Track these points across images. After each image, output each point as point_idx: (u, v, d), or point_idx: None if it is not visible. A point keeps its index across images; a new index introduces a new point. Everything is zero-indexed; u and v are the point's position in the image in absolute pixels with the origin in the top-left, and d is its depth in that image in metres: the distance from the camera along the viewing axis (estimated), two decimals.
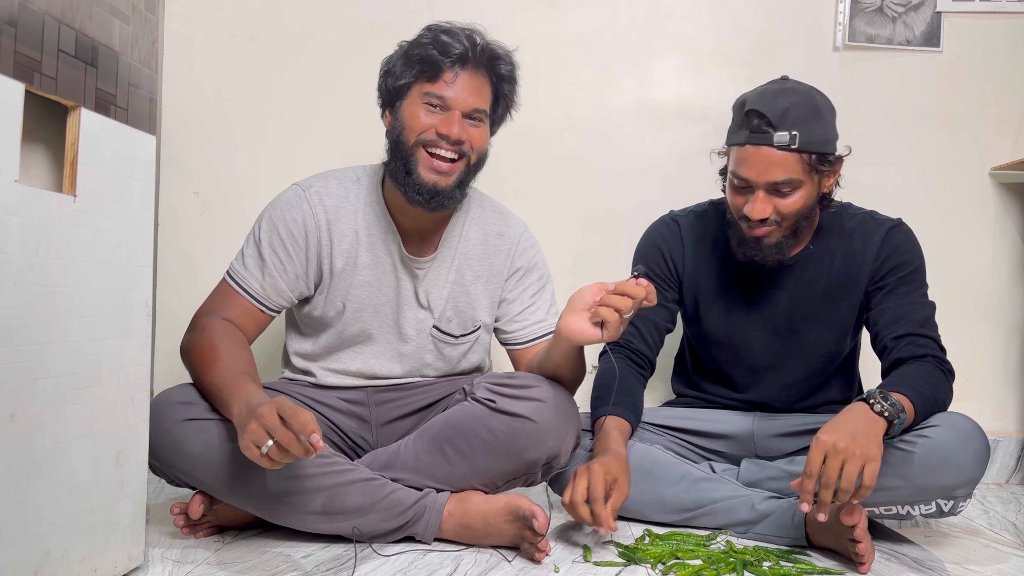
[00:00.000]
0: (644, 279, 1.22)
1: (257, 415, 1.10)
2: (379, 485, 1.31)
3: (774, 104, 1.40)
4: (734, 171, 1.46)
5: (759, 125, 1.40)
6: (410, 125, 1.39)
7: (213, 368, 1.28)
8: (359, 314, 1.47)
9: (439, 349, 1.53)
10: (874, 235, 1.52)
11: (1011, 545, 1.47)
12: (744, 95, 1.47)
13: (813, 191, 1.45)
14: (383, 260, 1.47)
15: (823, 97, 1.46)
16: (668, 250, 1.63)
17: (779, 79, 1.49)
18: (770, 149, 1.40)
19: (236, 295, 1.42)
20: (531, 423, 1.32)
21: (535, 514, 1.23)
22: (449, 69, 1.38)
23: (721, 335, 1.61)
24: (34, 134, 1.00)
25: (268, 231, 1.43)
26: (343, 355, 1.50)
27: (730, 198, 1.49)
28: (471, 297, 1.52)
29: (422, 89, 1.39)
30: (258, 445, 1.09)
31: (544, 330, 1.56)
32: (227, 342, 1.32)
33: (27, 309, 0.93)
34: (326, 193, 1.46)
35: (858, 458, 1.18)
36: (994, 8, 2.04)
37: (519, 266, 1.56)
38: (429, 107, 1.39)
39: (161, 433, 1.25)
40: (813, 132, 1.41)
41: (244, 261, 1.43)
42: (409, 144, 1.39)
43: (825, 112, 1.44)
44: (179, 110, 2.03)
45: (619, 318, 1.20)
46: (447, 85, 1.38)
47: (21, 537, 0.93)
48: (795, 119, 1.39)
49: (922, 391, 1.32)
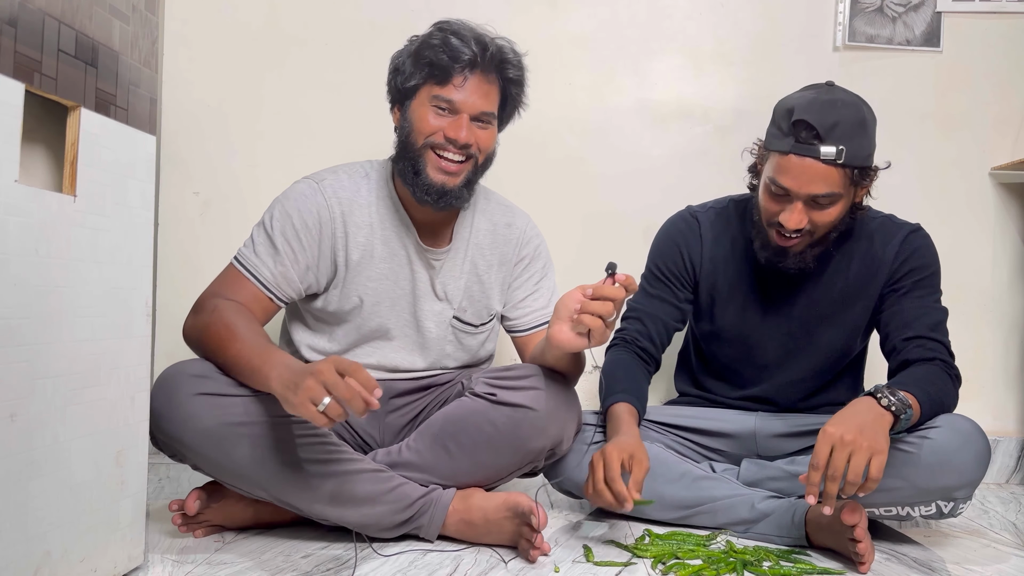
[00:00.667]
0: (620, 275, 1.21)
1: (315, 372, 1.08)
2: (387, 477, 1.32)
3: (824, 116, 1.37)
4: (773, 178, 1.43)
5: (807, 136, 1.37)
6: (418, 127, 1.40)
7: (235, 342, 1.24)
8: (377, 308, 1.46)
9: (459, 340, 1.54)
10: (893, 239, 1.53)
11: (1011, 545, 1.47)
12: (791, 100, 1.43)
13: (848, 203, 1.45)
14: (399, 252, 1.47)
15: (869, 109, 1.43)
16: (686, 247, 1.63)
17: (826, 86, 1.45)
18: (815, 162, 1.37)
19: (245, 281, 1.38)
20: (532, 412, 1.33)
21: (533, 510, 1.23)
22: (459, 74, 1.38)
23: (734, 333, 1.62)
24: (34, 134, 1.00)
25: (281, 220, 1.41)
26: (362, 351, 1.49)
27: (764, 202, 1.47)
28: (484, 287, 1.54)
29: (431, 92, 1.39)
30: (315, 402, 1.08)
31: (546, 317, 1.57)
32: (242, 320, 1.29)
33: (27, 309, 0.93)
34: (339, 186, 1.45)
35: (865, 451, 1.18)
36: (994, 8, 2.04)
37: (525, 254, 1.58)
38: (438, 110, 1.39)
39: (171, 407, 1.22)
40: (859, 147, 1.38)
41: (255, 248, 1.40)
42: (417, 146, 1.40)
43: (870, 126, 1.42)
44: (179, 110, 2.03)
45: (603, 324, 1.20)
46: (456, 89, 1.38)
47: (21, 537, 0.93)
48: (843, 133, 1.36)
49: (929, 392, 1.32)
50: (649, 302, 1.63)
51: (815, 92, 1.43)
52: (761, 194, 1.48)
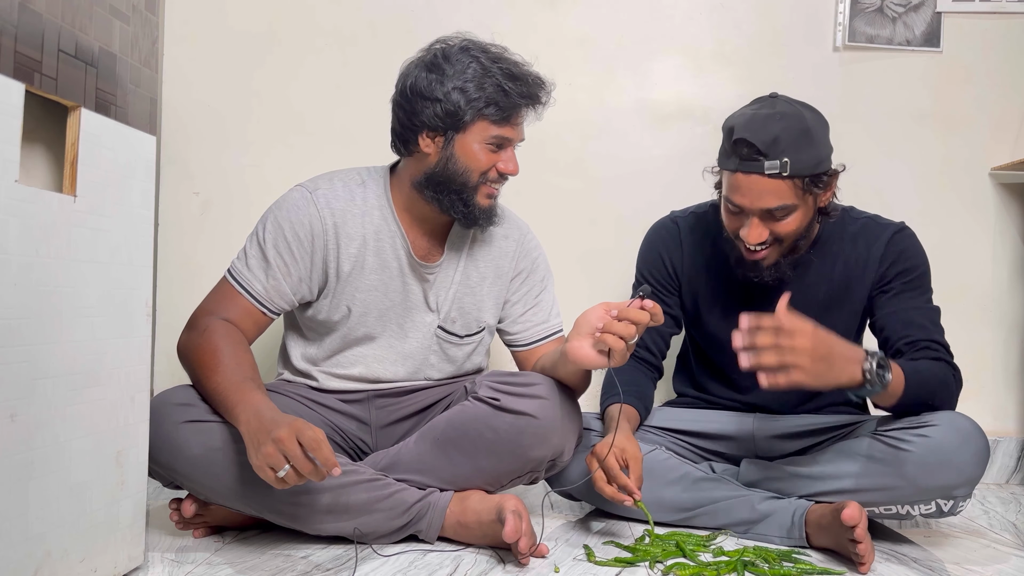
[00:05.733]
0: (649, 300, 1.21)
1: (276, 439, 1.09)
2: (383, 484, 1.32)
3: (763, 132, 1.37)
4: (727, 196, 1.44)
5: (749, 153, 1.38)
6: (475, 165, 1.39)
7: (216, 372, 1.27)
8: (364, 318, 1.47)
9: (443, 350, 1.53)
10: (877, 240, 1.51)
11: (1011, 545, 1.47)
12: (732, 119, 1.43)
13: (809, 210, 1.44)
14: (390, 264, 1.46)
15: (814, 115, 1.43)
16: (668, 254, 1.63)
17: (768, 99, 1.45)
18: (760, 177, 1.38)
19: (237, 295, 1.40)
20: (535, 421, 1.32)
21: (505, 519, 1.23)
22: (520, 114, 1.40)
23: (722, 339, 1.61)
24: (34, 134, 1.00)
25: (273, 232, 1.41)
26: (345, 358, 1.49)
27: (725, 220, 1.49)
28: (477, 299, 1.53)
29: (488, 130, 1.38)
30: (273, 468, 1.10)
31: (547, 331, 1.56)
32: (229, 345, 1.31)
33: (27, 309, 0.93)
34: (332, 196, 1.44)
35: (808, 373, 1.20)
36: (994, 8, 2.04)
37: (522, 267, 1.56)
38: (493, 146, 1.40)
39: (160, 436, 1.24)
40: (804, 156, 1.37)
41: (247, 262, 1.41)
42: (474, 182, 1.40)
43: (816, 133, 1.40)
44: (179, 110, 2.03)
45: (624, 346, 1.21)
46: (512, 129, 1.40)
47: (21, 537, 0.93)
48: (785, 146, 1.36)
49: (925, 383, 1.34)
50: None
51: (756, 107, 1.43)
52: (722, 212, 1.49)
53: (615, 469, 1.34)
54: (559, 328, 1.58)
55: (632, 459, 1.35)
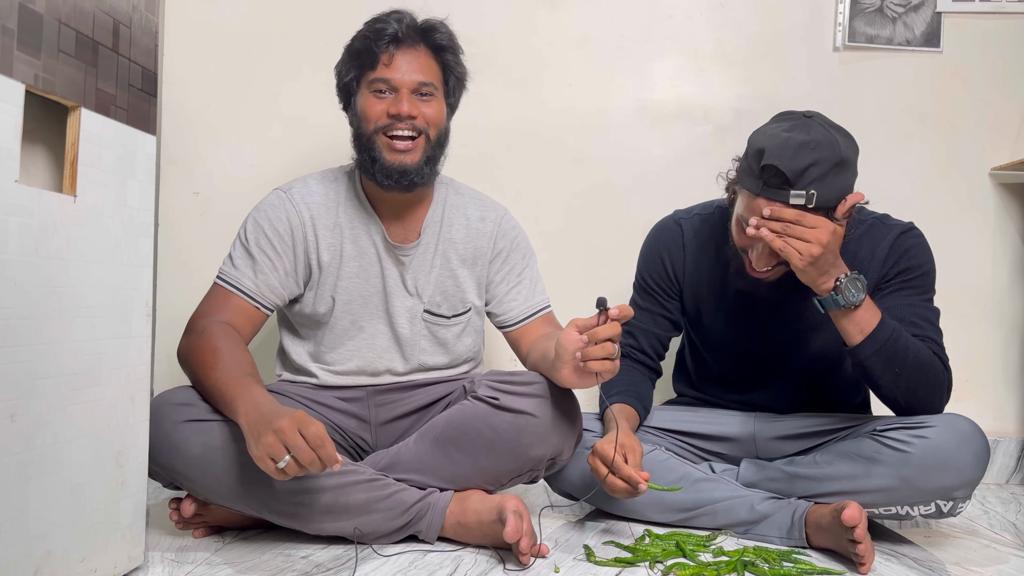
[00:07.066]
0: (612, 309, 1.21)
1: (276, 430, 1.09)
2: (383, 484, 1.32)
3: (795, 161, 1.30)
4: (743, 216, 1.39)
5: (776, 182, 1.32)
6: (365, 116, 1.43)
7: (215, 370, 1.27)
8: (348, 306, 1.49)
9: (433, 333, 1.54)
10: (884, 240, 1.50)
11: (1011, 545, 1.47)
12: (763, 140, 1.35)
13: None
14: (367, 250, 1.48)
15: (847, 142, 1.35)
16: (669, 258, 1.62)
17: (802, 120, 1.36)
18: (783, 206, 1.32)
19: (230, 296, 1.42)
20: (535, 419, 1.32)
21: (506, 519, 1.23)
22: (384, 52, 1.42)
23: (725, 342, 1.61)
24: (34, 134, 1.00)
25: (254, 231, 1.45)
26: (339, 352, 1.50)
27: (735, 235, 1.45)
28: (458, 280, 1.54)
29: (367, 79, 1.43)
30: (274, 459, 1.10)
31: (534, 308, 1.57)
32: (228, 344, 1.32)
33: (27, 309, 0.93)
34: (307, 192, 1.49)
35: (807, 260, 1.30)
36: (994, 8, 2.04)
37: (501, 247, 1.57)
38: (378, 94, 1.42)
39: (160, 436, 1.24)
40: (831, 188, 1.31)
41: (234, 263, 1.44)
42: (368, 133, 1.43)
43: (850, 162, 1.34)
44: (179, 110, 2.03)
45: (611, 364, 1.22)
46: (386, 67, 1.42)
47: (21, 537, 0.93)
48: (815, 177, 1.30)
49: (909, 351, 1.35)
50: (640, 315, 1.62)
51: (789, 130, 1.34)
52: (733, 224, 1.46)
53: (622, 466, 1.33)
54: (546, 304, 1.59)
55: (630, 451, 1.36)
